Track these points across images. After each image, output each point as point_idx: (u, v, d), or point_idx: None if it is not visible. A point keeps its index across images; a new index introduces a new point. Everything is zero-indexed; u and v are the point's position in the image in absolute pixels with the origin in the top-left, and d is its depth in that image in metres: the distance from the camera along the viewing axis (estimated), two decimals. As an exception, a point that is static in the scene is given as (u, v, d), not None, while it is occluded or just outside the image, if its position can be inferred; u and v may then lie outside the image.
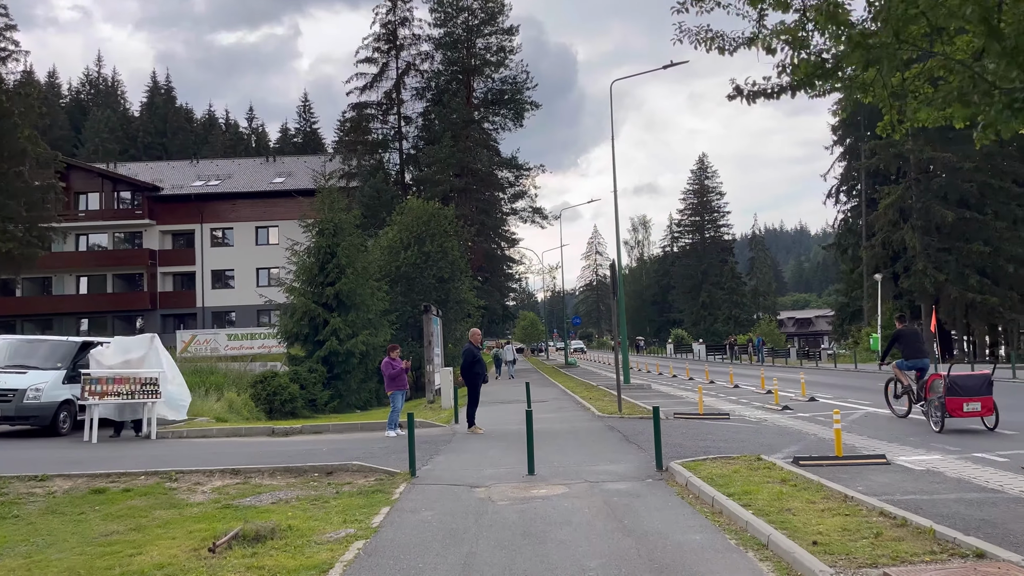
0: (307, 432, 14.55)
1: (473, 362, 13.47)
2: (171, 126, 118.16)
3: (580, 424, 14.23)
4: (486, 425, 14.13)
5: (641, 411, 15.74)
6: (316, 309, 28.85)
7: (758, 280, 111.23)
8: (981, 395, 11.54)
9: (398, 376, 13.85)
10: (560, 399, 20.93)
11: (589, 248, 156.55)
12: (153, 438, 14.34)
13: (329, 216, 30.32)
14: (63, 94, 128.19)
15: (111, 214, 56.44)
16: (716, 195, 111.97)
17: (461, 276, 36.69)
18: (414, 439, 9.06)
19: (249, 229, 56.04)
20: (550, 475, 8.88)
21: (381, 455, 10.82)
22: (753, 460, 8.89)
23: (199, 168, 63.13)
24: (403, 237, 34.93)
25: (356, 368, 28.88)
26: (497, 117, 50.61)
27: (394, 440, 12.60)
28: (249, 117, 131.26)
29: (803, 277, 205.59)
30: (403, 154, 49.54)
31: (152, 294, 55.57)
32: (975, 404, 11.50)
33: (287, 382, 23.92)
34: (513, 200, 51.79)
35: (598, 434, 12.63)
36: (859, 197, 51.42)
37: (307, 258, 30.38)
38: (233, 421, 19.10)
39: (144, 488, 8.51)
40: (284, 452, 11.50)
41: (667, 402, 18.87)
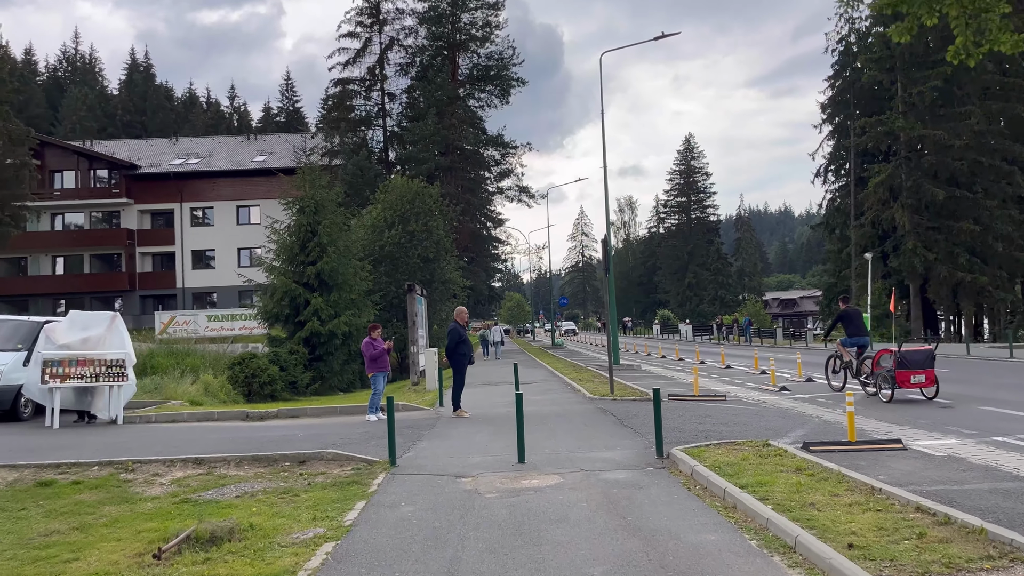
0: (283, 416, 13.80)
1: (459, 342, 12.74)
2: (151, 104, 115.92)
3: (571, 407, 13.56)
4: (472, 408, 13.44)
5: (634, 393, 15.10)
6: (297, 289, 27.98)
7: (744, 261, 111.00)
8: (925, 368, 12.94)
9: (379, 357, 13.12)
10: (548, 380, 20.27)
11: (575, 229, 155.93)
12: (120, 423, 13.53)
13: (310, 193, 29.38)
14: (40, 71, 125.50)
15: (87, 193, 55.06)
16: (702, 176, 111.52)
17: (446, 256, 35.93)
18: (394, 424, 8.34)
19: (230, 208, 54.86)
20: (542, 463, 8.19)
21: (360, 441, 10.10)
22: (761, 446, 8.24)
23: (178, 146, 61.70)
24: (387, 216, 34.07)
25: (339, 349, 28.08)
26: (483, 94, 49.60)
27: (375, 424, 11.88)
28: (231, 96, 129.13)
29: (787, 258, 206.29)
30: (387, 131, 48.48)
31: (131, 275, 54.36)
32: (920, 376, 12.91)
33: (266, 364, 23.08)
34: (499, 179, 50.96)
35: (590, 417, 11.96)
36: (848, 176, 50.93)
37: (287, 236, 29.45)
38: (208, 405, 18.30)
39: (96, 480, 7.74)
40: (256, 438, 10.75)
41: (659, 383, 18.23)
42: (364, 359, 13.39)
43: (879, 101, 47.72)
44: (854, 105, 49.01)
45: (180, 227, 54.97)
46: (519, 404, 8.41)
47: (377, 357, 13.07)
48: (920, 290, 43.75)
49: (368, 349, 13.17)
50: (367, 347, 13.21)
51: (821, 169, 53.70)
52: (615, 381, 17.36)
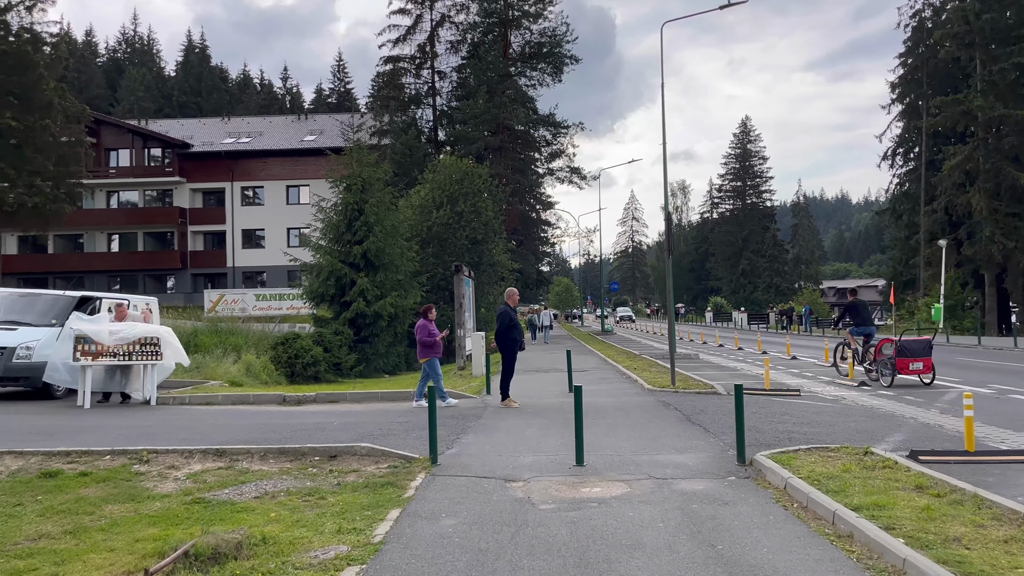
0: (321, 401, 13.00)
1: (509, 326, 11.72)
2: (206, 85, 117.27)
3: (629, 399, 12.46)
4: (521, 397, 12.44)
5: (696, 384, 13.91)
6: (343, 268, 27.32)
7: (800, 248, 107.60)
8: (923, 356, 14.05)
9: (434, 344, 12.19)
10: (601, 368, 19.16)
11: (625, 214, 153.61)
12: (153, 404, 12.91)
13: (357, 171, 28.66)
14: (100, 53, 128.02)
15: (141, 171, 55.55)
16: (759, 160, 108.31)
17: (495, 238, 34.97)
18: (436, 417, 7.37)
19: (280, 188, 54.78)
20: (604, 467, 7.14)
21: (399, 432, 9.18)
22: (861, 454, 7.04)
23: (230, 125, 61.89)
24: (435, 196, 33.21)
25: (384, 331, 27.39)
26: (535, 72, 48.18)
27: (418, 414, 10.95)
28: (284, 77, 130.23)
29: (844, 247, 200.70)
30: (436, 110, 47.58)
31: (182, 253, 54.77)
32: (918, 364, 14.03)
33: (310, 344, 22.45)
34: (550, 160, 49.62)
35: (653, 412, 10.84)
36: (918, 159, 48.38)
37: (334, 215, 28.81)
38: (247, 386, 17.70)
39: (105, 472, 6.95)
40: (289, 425, 9.92)
41: (721, 375, 17.01)
42: (416, 343, 12.40)
43: (954, 80, 45.09)
44: (927, 84, 46.39)
45: (231, 206, 55.10)
46: (578, 398, 7.35)
47: (432, 342, 12.16)
48: (996, 280, 41.25)
49: (422, 333, 12.20)
50: (422, 330, 12.24)
51: (888, 152, 51.19)
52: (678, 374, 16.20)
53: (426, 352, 12.21)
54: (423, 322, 12.32)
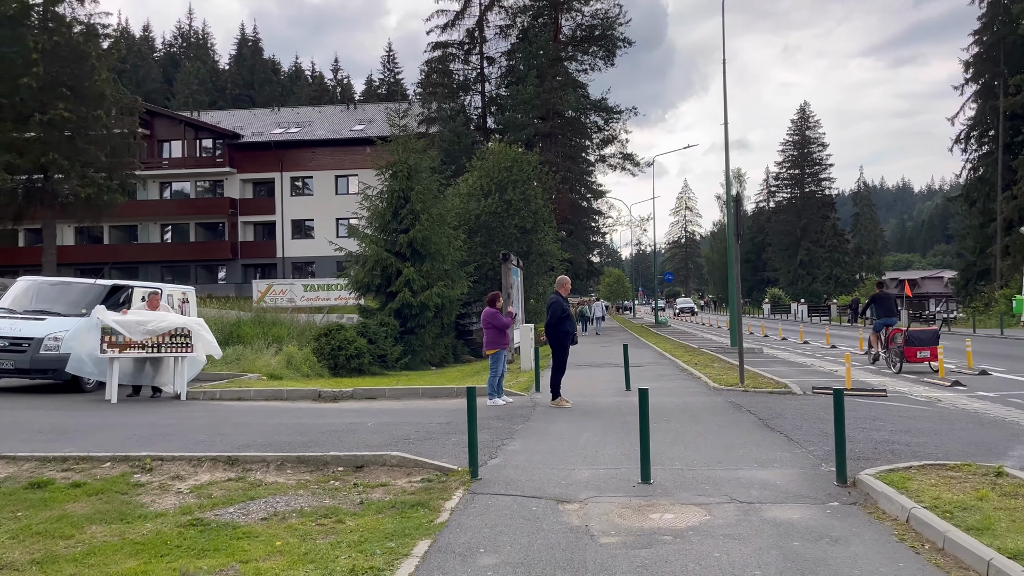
0: (358, 397, 12.10)
1: (561, 317, 10.62)
2: (258, 78, 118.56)
3: (694, 399, 11.26)
4: (573, 395, 11.37)
5: (768, 383, 12.62)
6: (388, 258, 26.60)
7: (861, 238, 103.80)
8: (930, 345, 14.89)
9: (504, 333, 11.15)
10: (658, 363, 17.93)
11: (678, 204, 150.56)
12: (183, 398, 12.19)
13: (403, 158, 27.86)
14: (156, 48, 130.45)
15: (193, 162, 55.87)
16: (818, 147, 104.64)
17: (544, 226, 33.90)
18: (476, 421, 6.34)
19: (328, 178, 54.53)
20: (674, 484, 6.02)
21: (438, 436, 8.20)
22: (992, 475, 5.77)
23: (280, 116, 61.91)
24: (483, 184, 32.27)
25: (431, 322, 26.61)
26: (586, 56, 46.81)
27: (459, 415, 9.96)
28: (335, 69, 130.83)
29: (905, 237, 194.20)
30: (485, 97, 46.59)
31: (233, 244, 54.96)
32: (926, 352, 14.87)
33: (354, 336, 21.73)
34: (602, 146, 48.22)
35: (723, 415, 9.65)
36: (993, 142, 45.63)
37: (379, 203, 28.10)
38: (287, 379, 16.99)
39: (101, 483, 6.10)
40: (319, 426, 9.02)
41: (793, 371, 15.65)
42: (484, 334, 11.36)
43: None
44: (1004, 62, 43.63)
45: (280, 196, 55.08)
46: (644, 403, 6.22)
47: (501, 332, 11.13)
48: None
49: (493, 321, 11.11)
50: (491, 319, 11.15)
51: (961, 135, 48.44)
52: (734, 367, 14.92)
53: (494, 344, 11.18)
54: (491, 311, 11.28)
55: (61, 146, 37.51)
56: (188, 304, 16.42)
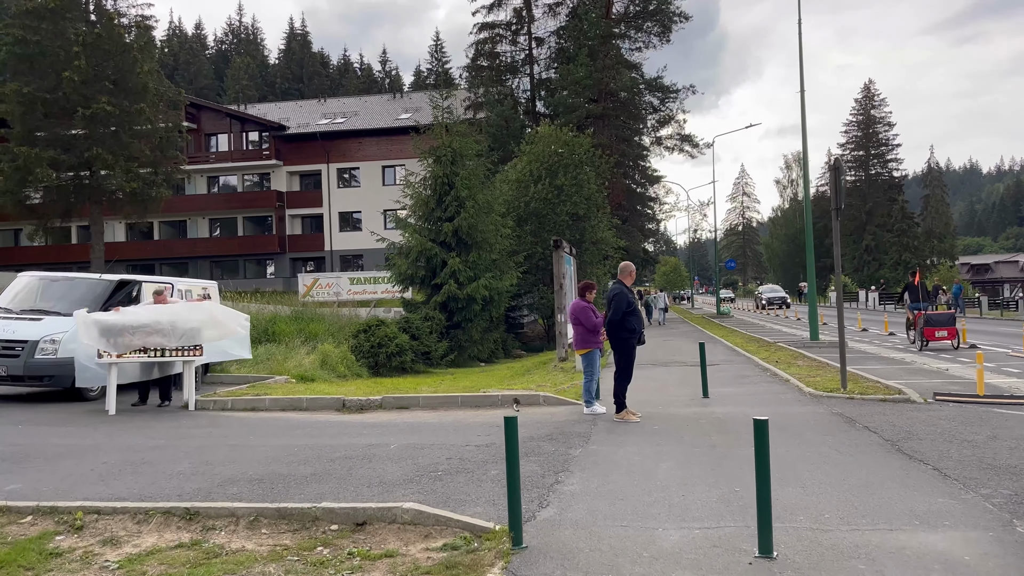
0: (388, 407, 10.40)
1: (627, 313, 8.70)
2: (307, 72, 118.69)
3: (790, 409, 9.24)
4: (641, 404, 9.48)
5: (874, 387, 10.50)
6: (433, 248, 24.99)
7: (932, 221, 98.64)
8: (948, 326, 17.87)
9: (596, 332, 9.31)
10: (732, 361, 15.83)
11: (735, 190, 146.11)
12: (191, 408, 10.69)
13: (446, 141, 26.19)
14: (208, 45, 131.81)
15: (239, 155, 55.24)
16: (884, 126, 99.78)
17: (598, 213, 31.90)
18: (517, 459, 4.53)
19: (375, 168, 53.29)
20: (807, 560, 4.11)
21: (475, 467, 6.43)
22: None
23: (326, 107, 60.94)
24: (533, 169, 30.42)
25: (478, 316, 24.92)
26: (640, 33, 44.35)
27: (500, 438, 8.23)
28: (383, 61, 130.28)
29: (975, 220, 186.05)
30: (533, 79, 44.55)
31: (280, 237, 54.19)
32: (943, 332, 17.74)
33: (395, 332, 20.14)
34: (657, 128, 45.73)
35: (836, 434, 7.63)
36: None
37: (423, 190, 26.50)
38: (319, 381, 15.44)
39: (5, 551, 4.47)
40: (330, 450, 7.33)
41: (893, 370, 13.43)
42: (574, 331, 9.61)
43: None
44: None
45: (327, 188, 54.07)
46: (761, 439, 4.30)
47: (594, 329, 9.32)
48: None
49: (583, 316, 9.33)
50: (581, 314, 9.33)
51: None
52: (828, 365, 12.79)
53: (586, 342, 9.37)
54: (580, 304, 9.44)
55: (105, 140, 36.88)
56: (209, 299, 14.98)
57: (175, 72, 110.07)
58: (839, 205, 9.93)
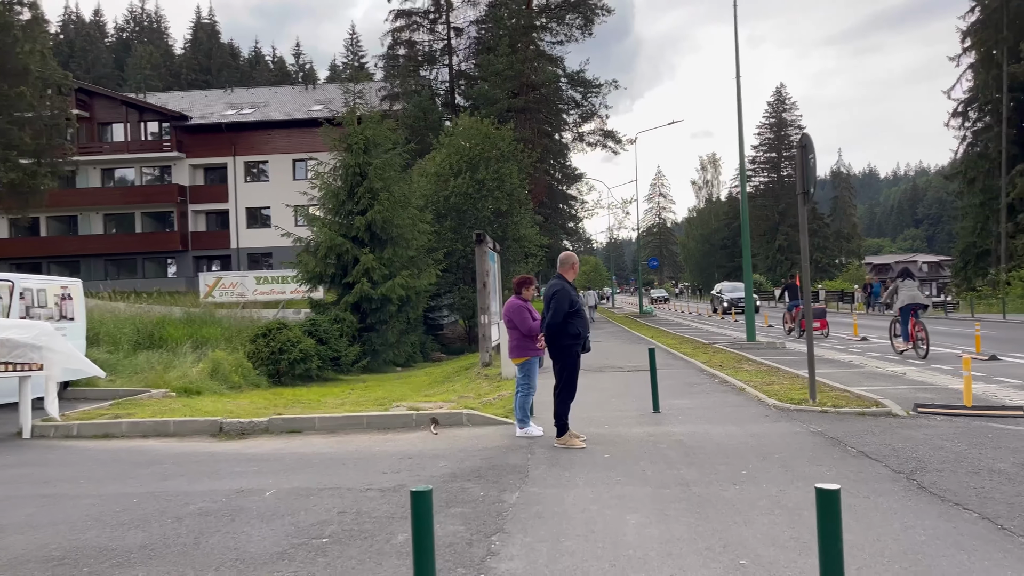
0: (276, 431, 8.48)
1: (569, 314, 7.01)
2: (215, 63, 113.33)
3: (759, 427, 7.80)
4: (583, 422, 7.91)
5: (844, 398, 9.21)
6: (344, 244, 22.97)
7: (841, 222, 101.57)
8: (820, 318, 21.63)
9: (533, 338, 7.52)
10: (672, 365, 14.46)
11: (652, 190, 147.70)
12: (26, 435, 8.53)
13: (359, 129, 24.20)
14: (108, 33, 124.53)
15: (137, 146, 51.45)
16: (795, 129, 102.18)
17: (521, 209, 30.45)
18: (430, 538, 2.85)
19: (286, 162, 50.43)
20: None
21: (376, 527, 4.69)
22: None
23: (232, 97, 57.57)
24: (453, 162, 28.75)
25: (394, 317, 23.03)
26: (562, 26, 43.13)
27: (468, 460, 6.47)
28: (296, 54, 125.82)
29: (875, 222, 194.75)
30: (452, 70, 42.79)
31: (183, 234, 50.71)
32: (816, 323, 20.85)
33: (299, 336, 18.07)
34: (580, 123, 44.64)
35: (831, 463, 6.17)
36: (994, 115, 42.90)
37: (333, 180, 24.43)
38: (206, 395, 13.32)
39: None
40: (180, 500, 5.44)
41: (850, 375, 12.29)
42: (508, 335, 7.70)
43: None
44: (1008, 27, 40.80)
45: (233, 183, 50.91)
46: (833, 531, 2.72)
47: (531, 333, 7.50)
48: None
49: (519, 318, 7.54)
50: (516, 314, 7.57)
51: (959, 108, 45.66)
52: (786, 372, 11.57)
53: (522, 349, 7.60)
54: (516, 303, 7.63)
55: (-23, 126, 33.26)
56: (70, 301, 12.66)
57: (71, 60, 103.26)
58: (807, 188, 8.61)
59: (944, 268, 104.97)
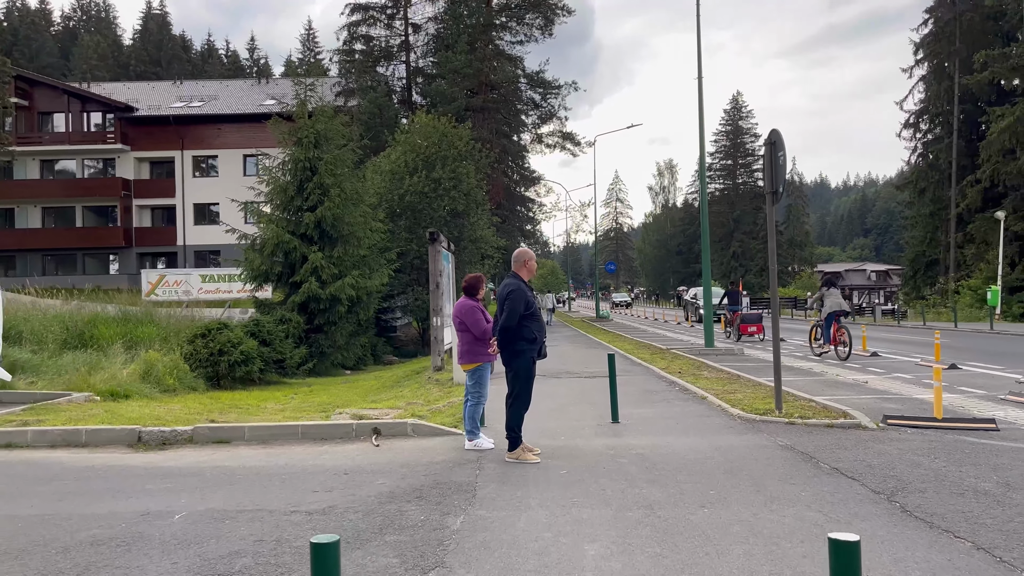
0: (200, 441, 7.72)
1: (525, 316, 6.41)
2: (166, 55, 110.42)
3: (724, 439, 7.30)
4: (536, 433, 7.34)
5: (812, 408, 8.78)
6: (291, 241, 22.13)
7: (794, 230, 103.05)
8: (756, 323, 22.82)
9: (485, 341, 6.87)
10: (630, 372, 13.97)
11: (609, 195, 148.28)
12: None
13: (310, 123, 23.38)
14: (53, 21, 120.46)
15: (80, 137, 49.48)
16: (751, 137, 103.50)
17: (478, 210, 29.86)
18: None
19: (236, 157, 48.96)
20: None
21: (297, 567, 4.02)
22: None
23: (182, 89, 55.81)
24: (408, 160, 28.02)
25: (343, 318, 22.24)
26: (521, 26, 42.65)
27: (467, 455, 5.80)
28: (250, 48, 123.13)
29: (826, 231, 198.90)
30: (410, 67, 41.99)
31: (127, 230, 48.89)
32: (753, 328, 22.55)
33: (241, 337, 17.14)
34: (539, 124, 44.21)
35: (804, 483, 5.68)
36: (945, 126, 43.66)
37: (281, 175, 23.54)
38: (135, 398, 12.42)
39: None
40: (76, 525, 4.70)
41: (809, 383, 11.94)
42: (459, 338, 7.07)
43: (987, 36, 40.31)
44: (960, 39, 41.54)
45: (181, 177, 49.30)
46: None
47: (484, 335, 6.86)
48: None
49: (470, 320, 6.88)
50: (468, 316, 6.91)
51: (910, 119, 46.41)
52: (748, 380, 11.17)
53: (473, 354, 6.95)
54: (469, 304, 6.99)
55: (-100, 110, 31.47)
56: (-16, 297, 11.66)
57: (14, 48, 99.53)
58: (775, 188, 8.17)
59: (891, 276, 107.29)
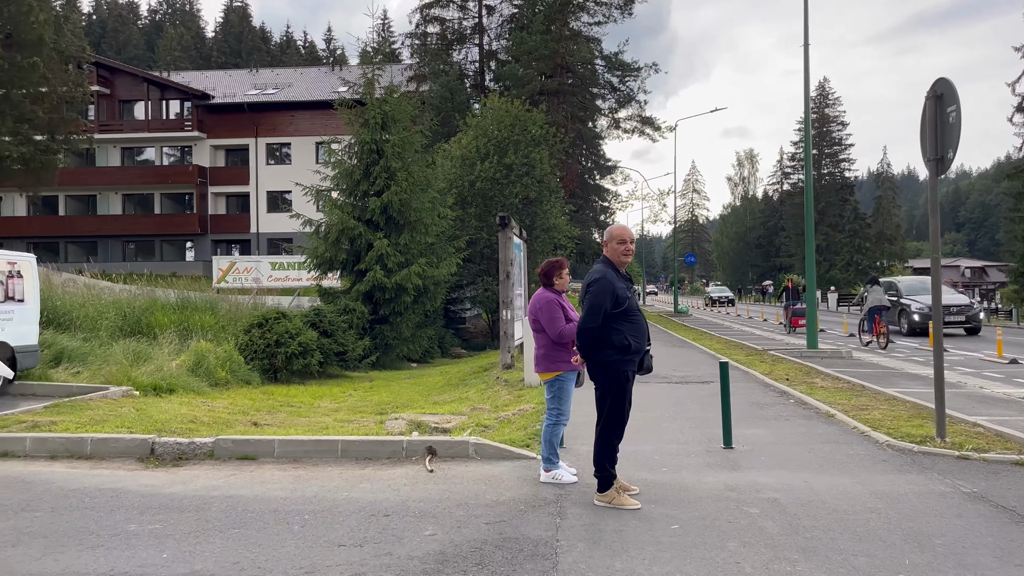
0: (221, 456, 6.43)
1: (615, 315, 4.77)
2: (246, 47, 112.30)
3: (882, 483, 5.56)
4: (629, 454, 5.76)
5: (983, 435, 6.90)
6: (357, 227, 21.03)
7: (883, 223, 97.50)
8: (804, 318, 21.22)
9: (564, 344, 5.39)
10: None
11: (685, 186, 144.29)
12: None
13: (376, 102, 22.23)
14: (141, 15, 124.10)
15: (159, 125, 49.98)
16: (838, 125, 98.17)
17: (552, 197, 28.28)
18: None
19: (308, 145, 48.60)
20: None
21: None
22: None
23: (257, 77, 55.88)
24: (479, 145, 26.66)
25: (409, 309, 21.01)
26: (599, 7, 40.71)
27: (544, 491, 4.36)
28: (327, 39, 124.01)
29: (914, 225, 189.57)
30: (483, 49, 40.60)
31: (202, 217, 49.16)
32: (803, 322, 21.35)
33: (300, 327, 16.05)
34: (616, 108, 42.19)
35: (1021, 556, 4.01)
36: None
37: (347, 159, 22.50)
38: (180, 393, 11.37)
39: None
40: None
41: (959, 398, 9.97)
42: (534, 340, 5.62)
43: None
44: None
45: (255, 165, 49.25)
46: None
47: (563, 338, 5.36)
48: None
49: (546, 317, 5.43)
50: (544, 312, 5.45)
51: (1023, 103, 42.41)
52: (879, 392, 9.31)
53: (551, 361, 5.42)
54: (546, 296, 5.51)
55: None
56: (19, 279, 10.75)
57: (102, 40, 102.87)
58: (943, 153, 6.34)
59: (987, 273, 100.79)
